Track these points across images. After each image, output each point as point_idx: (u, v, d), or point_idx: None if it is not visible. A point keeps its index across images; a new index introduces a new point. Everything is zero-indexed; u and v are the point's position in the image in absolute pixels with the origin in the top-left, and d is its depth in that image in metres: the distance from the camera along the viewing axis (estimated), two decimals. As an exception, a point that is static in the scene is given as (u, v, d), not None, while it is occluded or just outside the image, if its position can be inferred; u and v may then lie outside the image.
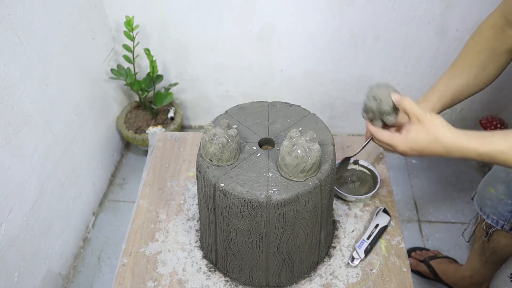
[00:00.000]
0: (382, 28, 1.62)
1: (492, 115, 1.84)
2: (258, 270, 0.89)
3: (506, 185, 1.06)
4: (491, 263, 1.27)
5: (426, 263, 1.46)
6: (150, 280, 0.94)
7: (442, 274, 1.43)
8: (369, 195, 1.05)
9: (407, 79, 1.77)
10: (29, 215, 1.24)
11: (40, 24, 1.26)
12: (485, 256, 1.25)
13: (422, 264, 1.47)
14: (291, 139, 0.79)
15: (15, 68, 1.15)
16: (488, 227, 1.17)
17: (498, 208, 1.10)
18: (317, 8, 1.58)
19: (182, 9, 1.63)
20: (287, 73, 1.78)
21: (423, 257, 1.48)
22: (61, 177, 1.41)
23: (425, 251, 1.51)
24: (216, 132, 0.82)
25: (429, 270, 1.45)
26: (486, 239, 1.19)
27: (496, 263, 1.27)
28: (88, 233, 1.63)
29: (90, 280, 1.50)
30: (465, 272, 1.36)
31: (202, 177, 0.83)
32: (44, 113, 1.29)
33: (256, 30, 1.66)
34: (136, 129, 1.80)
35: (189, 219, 1.05)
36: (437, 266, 1.45)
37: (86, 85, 1.56)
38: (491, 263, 1.27)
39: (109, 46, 1.72)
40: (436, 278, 1.45)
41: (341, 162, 1.08)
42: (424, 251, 1.52)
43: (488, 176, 1.14)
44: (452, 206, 1.72)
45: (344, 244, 1.00)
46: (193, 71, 1.83)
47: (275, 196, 0.77)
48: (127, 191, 1.80)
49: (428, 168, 1.87)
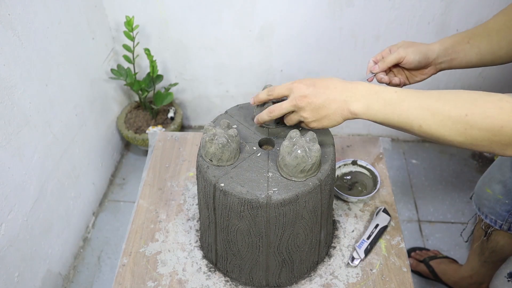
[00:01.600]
0: (382, 28, 1.62)
1: (492, 115, 1.84)
2: (258, 270, 0.89)
3: (503, 184, 1.06)
4: (490, 263, 1.27)
5: (425, 263, 1.46)
6: (150, 280, 0.94)
7: (441, 274, 1.43)
8: (370, 196, 1.05)
9: (407, 79, 1.77)
10: (29, 215, 1.24)
11: (40, 24, 1.26)
12: (484, 256, 1.25)
13: (421, 264, 1.47)
14: (291, 139, 0.79)
15: (15, 68, 1.15)
16: (486, 227, 1.17)
17: (495, 208, 1.10)
18: (317, 8, 1.58)
19: (182, 9, 1.63)
20: (287, 73, 1.78)
21: (422, 257, 1.48)
22: (61, 177, 1.41)
23: (425, 251, 1.51)
24: (216, 132, 0.82)
25: (429, 270, 1.45)
26: (485, 239, 1.19)
27: (495, 263, 1.27)
28: (88, 233, 1.63)
29: (90, 280, 1.50)
30: (464, 272, 1.36)
31: (202, 177, 0.83)
32: (44, 113, 1.29)
33: (256, 30, 1.66)
34: (136, 129, 1.80)
35: (189, 219, 1.05)
36: (436, 266, 1.45)
37: (86, 85, 1.56)
38: (490, 263, 1.27)
39: (109, 46, 1.72)
40: (435, 278, 1.45)
41: None
42: (424, 251, 1.52)
43: (484, 177, 1.14)
44: (452, 206, 1.72)
45: (344, 244, 1.00)
46: (193, 71, 1.83)
47: (275, 196, 0.77)
48: (127, 191, 1.80)
49: (428, 168, 1.87)
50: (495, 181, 1.09)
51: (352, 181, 1.10)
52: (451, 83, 1.77)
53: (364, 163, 1.11)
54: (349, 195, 1.05)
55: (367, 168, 1.11)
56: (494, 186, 1.09)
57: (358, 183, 1.10)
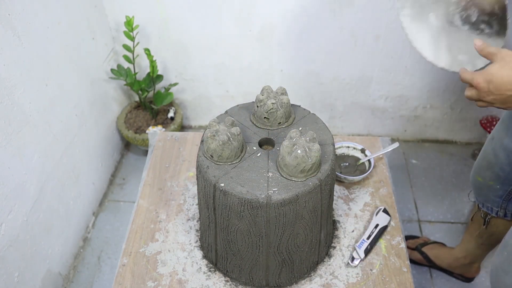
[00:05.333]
0: (382, 28, 1.62)
1: (492, 115, 1.84)
2: (258, 270, 0.89)
3: (491, 170, 1.08)
4: (487, 245, 1.30)
5: (418, 251, 1.49)
6: (150, 280, 0.94)
7: (435, 259, 1.46)
8: (365, 175, 1.09)
9: (407, 79, 1.77)
10: (29, 215, 1.24)
11: (40, 24, 1.26)
12: (482, 239, 1.28)
13: (415, 252, 1.50)
14: (291, 139, 0.79)
15: (15, 68, 1.15)
16: (485, 215, 1.19)
17: (489, 196, 1.13)
18: (317, 8, 1.58)
19: (182, 9, 1.63)
20: (287, 73, 1.78)
21: (414, 245, 1.51)
22: (61, 177, 1.41)
23: (416, 239, 1.54)
24: (219, 129, 0.82)
25: (423, 256, 1.47)
26: (484, 228, 1.22)
27: (492, 245, 1.30)
28: (88, 233, 1.63)
29: (90, 280, 1.50)
30: (458, 254, 1.40)
31: (202, 177, 0.83)
32: (44, 113, 1.29)
33: (256, 30, 1.66)
34: (136, 129, 1.80)
35: (189, 219, 1.05)
36: (429, 251, 1.47)
37: (86, 85, 1.56)
38: (487, 245, 1.30)
39: (109, 46, 1.72)
40: (430, 263, 1.48)
41: None
42: (415, 239, 1.54)
43: (474, 167, 1.17)
44: (452, 206, 1.72)
45: (344, 244, 1.00)
46: (193, 71, 1.83)
47: (275, 196, 0.77)
48: (127, 191, 1.80)
49: (428, 168, 1.87)
50: (483, 168, 1.11)
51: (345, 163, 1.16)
52: (452, 82, 1.77)
53: (357, 145, 1.17)
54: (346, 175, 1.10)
55: (358, 149, 1.16)
56: (483, 173, 1.11)
57: (348, 163, 1.16)
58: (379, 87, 1.81)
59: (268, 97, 0.89)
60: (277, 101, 0.88)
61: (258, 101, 0.89)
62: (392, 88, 1.81)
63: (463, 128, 1.94)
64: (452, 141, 2.00)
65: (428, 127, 1.95)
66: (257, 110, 0.90)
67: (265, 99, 0.88)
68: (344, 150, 1.17)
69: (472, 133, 1.95)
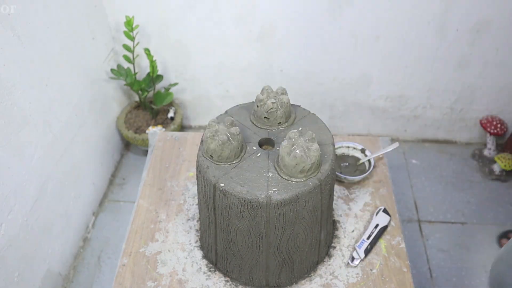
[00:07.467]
0: (382, 28, 1.62)
1: (492, 115, 1.84)
2: (258, 270, 0.89)
3: None
4: None
5: None
6: (150, 280, 0.94)
7: None
8: (365, 175, 1.09)
9: (407, 79, 1.77)
10: (29, 215, 1.24)
11: (40, 24, 1.26)
12: None
13: None
14: (290, 139, 0.79)
15: (15, 68, 1.15)
16: None
17: None
18: (317, 8, 1.58)
19: (182, 9, 1.63)
20: (287, 73, 1.78)
21: None
22: (61, 177, 1.41)
23: None
24: (218, 129, 0.82)
25: None
26: None
27: None
28: (88, 233, 1.63)
29: (90, 280, 1.50)
30: None
31: (202, 177, 0.83)
32: (44, 113, 1.29)
33: (256, 30, 1.66)
34: (136, 129, 1.80)
35: (189, 219, 1.05)
36: None
37: (86, 85, 1.56)
38: None
39: (109, 46, 1.72)
40: None
41: None
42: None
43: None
44: (452, 206, 1.72)
45: (344, 244, 0.99)
46: (193, 71, 1.83)
47: (275, 196, 0.77)
48: (127, 191, 1.80)
49: (428, 168, 1.87)
50: None
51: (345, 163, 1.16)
52: (452, 82, 1.77)
53: (357, 145, 1.17)
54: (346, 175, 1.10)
55: (359, 149, 1.16)
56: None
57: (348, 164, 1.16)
58: (379, 87, 1.81)
59: (268, 97, 0.89)
60: (277, 101, 0.88)
61: (258, 100, 0.89)
62: (392, 88, 1.81)
63: (463, 128, 1.94)
64: (452, 141, 2.00)
65: (428, 127, 1.95)
66: (257, 110, 0.90)
67: (265, 99, 0.88)
68: (344, 150, 1.17)
69: (472, 133, 1.96)
